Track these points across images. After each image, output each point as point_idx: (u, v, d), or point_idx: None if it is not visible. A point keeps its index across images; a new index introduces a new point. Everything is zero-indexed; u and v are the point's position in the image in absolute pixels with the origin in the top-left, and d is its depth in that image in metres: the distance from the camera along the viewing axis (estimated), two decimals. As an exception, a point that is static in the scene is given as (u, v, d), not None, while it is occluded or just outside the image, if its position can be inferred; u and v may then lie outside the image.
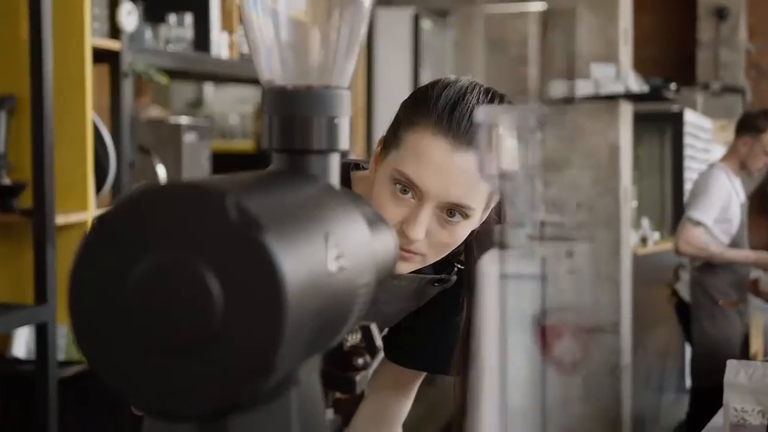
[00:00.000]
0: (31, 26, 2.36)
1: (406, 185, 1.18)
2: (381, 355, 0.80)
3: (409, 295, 1.35)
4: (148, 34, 3.03)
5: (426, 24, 5.12)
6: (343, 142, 0.71)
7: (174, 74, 3.44)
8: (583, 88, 4.50)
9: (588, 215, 3.88)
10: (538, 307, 0.63)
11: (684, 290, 4.34)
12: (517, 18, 5.31)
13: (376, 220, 0.73)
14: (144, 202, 0.56)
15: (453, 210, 1.19)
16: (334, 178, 0.71)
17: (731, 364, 1.86)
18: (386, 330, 1.43)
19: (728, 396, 1.82)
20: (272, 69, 0.70)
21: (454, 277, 1.36)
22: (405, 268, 1.22)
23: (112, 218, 0.56)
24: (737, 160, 4.23)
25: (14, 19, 2.43)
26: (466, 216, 1.19)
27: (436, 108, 1.18)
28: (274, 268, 0.53)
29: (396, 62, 4.94)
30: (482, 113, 0.67)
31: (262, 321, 0.53)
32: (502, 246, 0.67)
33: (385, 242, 0.74)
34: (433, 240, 1.20)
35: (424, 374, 1.49)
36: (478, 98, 1.19)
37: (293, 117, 0.69)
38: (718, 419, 1.97)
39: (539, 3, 5.27)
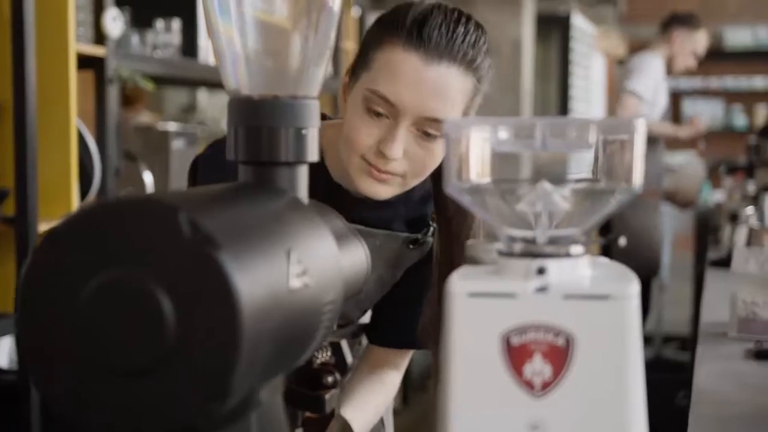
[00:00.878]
0: (14, 31, 2.33)
1: (379, 105, 1.17)
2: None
3: (387, 259, 1.33)
4: (135, 39, 3.01)
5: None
6: (312, 154, 0.68)
7: (161, 80, 3.41)
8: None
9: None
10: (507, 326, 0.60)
11: None
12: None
13: (345, 235, 0.71)
14: (96, 217, 0.54)
15: (429, 129, 1.18)
16: (302, 191, 0.68)
17: (739, 251, 1.64)
18: (368, 317, 1.41)
19: (737, 286, 1.61)
20: (238, 78, 0.68)
21: (431, 239, 1.34)
22: (384, 192, 1.20)
23: (62, 233, 0.54)
24: (667, 53, 4.44)
25: (-3, 25, 2.41)
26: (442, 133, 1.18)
27: (405, 24, 1.17)
28: (229, 285, 0.51)
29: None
30: (452, 125, 0.65)
31: (217, 341, 0.51)
32: (473, 261, 0.64)
33: (355, 257, 0.72)
34: (411, 159, 1.19)
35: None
36: (446, 14, 1.19)
37: (260, 128, 0.66)
38: (723, 313, 1.72)
39: None
